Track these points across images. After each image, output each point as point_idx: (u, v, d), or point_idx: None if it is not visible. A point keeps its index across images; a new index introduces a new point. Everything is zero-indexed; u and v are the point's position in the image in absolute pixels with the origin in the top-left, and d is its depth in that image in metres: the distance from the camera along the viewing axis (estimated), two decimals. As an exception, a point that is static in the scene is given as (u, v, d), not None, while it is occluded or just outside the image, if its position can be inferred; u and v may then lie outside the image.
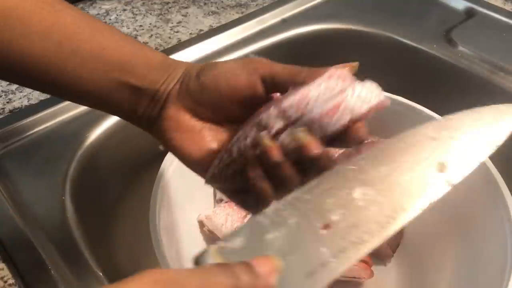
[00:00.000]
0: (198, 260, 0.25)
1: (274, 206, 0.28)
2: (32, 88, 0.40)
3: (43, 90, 0.41)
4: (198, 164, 0.37)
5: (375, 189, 0.28)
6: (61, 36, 0.35)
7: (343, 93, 0.32)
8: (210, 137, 0.37)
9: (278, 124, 0.33)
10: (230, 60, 0.37)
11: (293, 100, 0.33)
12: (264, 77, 0.35)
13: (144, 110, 0.38)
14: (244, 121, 0.35)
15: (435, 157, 0.30)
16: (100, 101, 0.38)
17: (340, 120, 0.32)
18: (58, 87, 0.37)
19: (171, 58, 0.39)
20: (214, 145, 0.37)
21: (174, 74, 0.37)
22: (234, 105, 0.36)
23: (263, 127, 0.34)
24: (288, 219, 0.27)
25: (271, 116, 0.33)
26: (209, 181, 0.37)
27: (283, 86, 0.34)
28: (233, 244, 0.26)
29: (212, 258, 0.25)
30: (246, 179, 0.34)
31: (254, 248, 0.26)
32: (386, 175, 0.29)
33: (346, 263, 0.25)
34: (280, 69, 0.35)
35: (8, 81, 0.39)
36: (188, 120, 0.37)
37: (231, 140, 0.36)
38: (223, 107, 0.36)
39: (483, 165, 0.51)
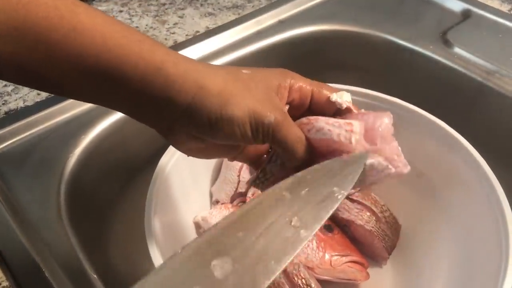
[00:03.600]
0: None
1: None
2: (26, 86, 0.38)
3: (37, 89, 0.39)
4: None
5: (231, 258, 0.27)
6: (33, 40, 0.29)
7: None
8: (229, 150, 0.40)
9: None
10: (245, 110, 0.35)
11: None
12: (266, 142, 0.37)
13: (152, 121, 0.36)
14: None
15: (287, 215, 0.31)
16: (97, 103, 0.35)
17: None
18: (47, 89, 0.34)
19: (169, 63, 0.33)
20: (223, 153, 0.40)
21: (178, 102, 0.33)
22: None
23: None
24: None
25: None
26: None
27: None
28: None
29: None
30: None
31: None
32: (242, 240, 0.29)
33: None
34: (282, 147, 0.37)
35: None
36: (197, 143, 0.37)
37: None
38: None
39: (477, 165, 0.52)
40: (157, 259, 0.43)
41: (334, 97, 0.39)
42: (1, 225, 0.49)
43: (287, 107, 0.40)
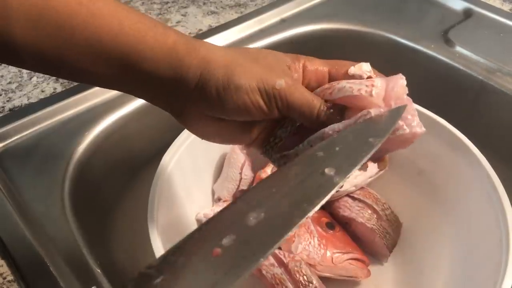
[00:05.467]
0: None
1: (160, 256, 0.27)
2: (46, 74, 0.38)
3: (57, 76, 0.39)
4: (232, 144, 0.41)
5: (264, 208, 0.28)
6: (53, 24, 0.31)
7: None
8: (234, 130, 0.38)
9: None
10: (254, 78, 0.34)
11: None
12: (281, 111, 0.36)
13: (162, 102, 0.37)
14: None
15: (320, 168, 0.31)
16: (115, 87, 0.36)
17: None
18: (66, 75, 0.36)
19: (181, 44, 0.35)
20: (236, 134, 0.39)
21: (189, 79, 0.34)
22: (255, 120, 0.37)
23: None
24: (176, 261, 0.26)
25: None
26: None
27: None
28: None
29: None
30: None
31: None
32: (275, 193, 0.29)
33: (236, 278, 0.25)
34: (296, 111, 0.36)
35: (23, 68, 0.37)
36: (214, 122, 0.37)
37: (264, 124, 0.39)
38: (245, 121, 0.37)
39: (478, 163, 0.52)
40: (160, 254, 0.43)
41: (352, 70, 0.38)
42: (6, 220, 0.49)
43: None
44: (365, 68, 0.38)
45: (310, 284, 0.51)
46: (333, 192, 0.29)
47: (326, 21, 0.77)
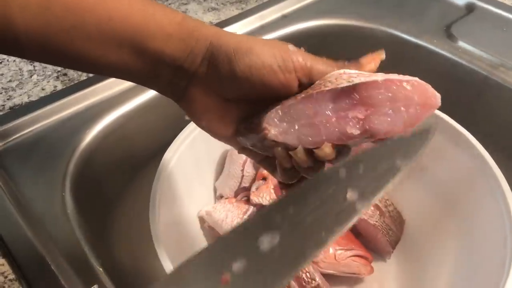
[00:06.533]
0: None
1: (169, 274, 0.26)
2: (48, 64, 0.38)
3: (57, 65, 0.38)
4: (226, 139, 0.38)
5: (279, 232, 0.26)
6: (62, 7, 0.31)
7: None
8: (238, 116, 0.37)
9: None
10: (266, 46, 0.33)
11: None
12: (302, 78, 0.34)
13: (167, 83, 0.36)
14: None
15: (342, 190, 0.28)
16: (118, 73, 0.36)
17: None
18: (69, 62, 0.35)
19: (190, 20, 0.34)
20: (237, 122, 0.37)
21: (198, 49, 0.34)
22: (266, 97, 0.35)
23: None
24: (186, 277, 0.25)
25: None
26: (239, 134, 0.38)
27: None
28: None
29: None
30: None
31: None
32: (291, 216, 0.27)
33: None
34: (319, 68, 0.34)
35: (18, 57, 0.36)
36: (216, 102, 0.36)
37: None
38: (254, 97, 0.35)
39: (482, 159, 0.51)
40: (162, 252, 0.43)
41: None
42: (7, 219, 0.49)
43: None
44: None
45: (313, 281, 0.51)
46: (354, 220, 0.26)
47: (328, 17, 0.77)
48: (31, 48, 0.32)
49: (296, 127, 0.34)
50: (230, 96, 0.36)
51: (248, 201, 0.59)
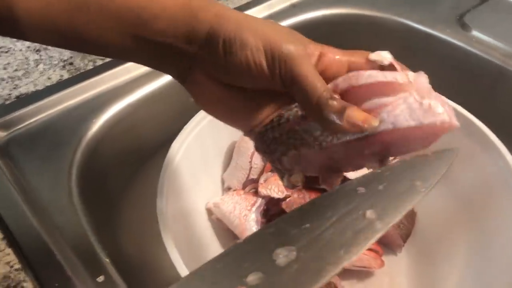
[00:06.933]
0: None
1: (181, 281, 0.25)
2: (48, 45, 0.37)
3: (59, 47, 0.38)
4: (234, 125, 0.38)
5: (296, 247, 0.25)
6: None
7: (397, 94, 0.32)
8: (243, 102, 0.36)
9: None
10: (261, 37, 0.32)
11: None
12: (284, 81, 0.33)
13: (170, 65, 0.35)
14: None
15: (361, 208, 0.28)
16: (121, 54, 0.35)
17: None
18: (72, 44, 0.35)
19: (195, 7, 0.33)
20: (248, 109, 0.36)
21: (199, 32, 0.33)
22: (259, 88, 0.35)
23: None
24: (200, 286, 0.25)
25: None
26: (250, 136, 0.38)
27: None
28: None
29: None
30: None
31: None
32: (308, 231, 0.27)
33: None
34: (299, 85, 0.32)
35: (19, 39, 0.36)
36: (218, 87, 0.35)
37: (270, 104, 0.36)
38: (249, 86, 0.35)
39: (497, 153, 0.50)
40: (170, 243, 0.43)
41: (373, 56, 0.34)
42: (12, 208, 0.49)
43: None
44: (384, 55, 0.35)
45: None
46: (373, 241, 0.26)
47: (338, 6, 0.75)
48: (32, 29, 0.32)
49: (314, 167, 0.37)
50: (230, 81, 0.35)
51: (256, 193, 0.59)
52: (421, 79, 0.33)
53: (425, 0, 0.76)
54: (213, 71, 0.35)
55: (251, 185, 0.60)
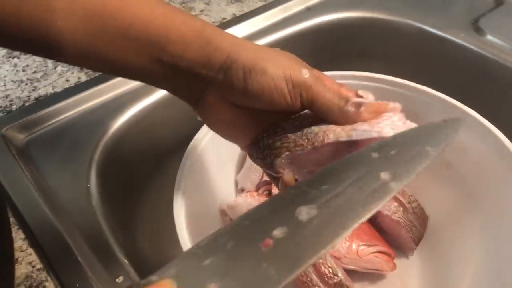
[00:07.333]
0: None
1: (210, 236, 0.27)
2: (68, 63, 0.40)
3: (79, 66, 0.40)
4: (235, 141, 0.41)
5: (316, 205, 0.27)
6: (87, 11, 0.33)
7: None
8: (250, 122, 0.39)
9: None
10: (280, 67, 0.35)
11: None
12: (304, 102, 0.36)
13: (184, 88, 0.37)
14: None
15: (375, 171, 0.29)
16: (138, 76, 0.37)
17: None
18: (91, 64, 0.36)
19: (208, 27, 0.36)
20: (253, 126, 0.39)
21: (216, 58, 0.35)
22: (273, 110, 0.37)
23: None
24: (226, 244, 0.26)
25: None
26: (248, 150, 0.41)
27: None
28: (166, 275, 0.25)
29: None
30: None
31: (188, 276, 0.25)
32: (327, 191, 0.28)
33: (288, 275, 0.24)
34: (320, 102, 0.36)
35: (46, 58, 0.38)
36: (229, 109, 0.37)
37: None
38: (264, 109, 0.37)
39: (509, 155, 0.50)
40: (185, 243, 0.44)
41: (360, 92, 0.39)
42: (34, 209, 0.50)
43: None
44: (368, 95, 0.38)
45: (335, 277, 0.51)
46: (388, 198, 0.27)
47: (352, 9, 0.76)
48: (61, 50, 0.33)
49: (305, 170, 0.39)
50: (242, 104, 0.37)
51: (269, 194, 0.59)
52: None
53: (439, 4, 0.76)
54: (229, 95, 0.36)
55: (265, 186, 0.61)
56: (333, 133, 0.36)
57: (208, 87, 0.36)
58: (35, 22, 0.32)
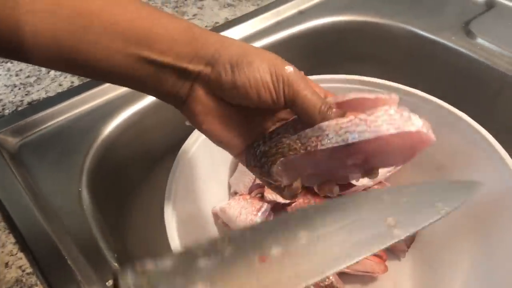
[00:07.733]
0: (117, 278, 0.25)
1: (211, 239, 0.27)
2: (51, 69, 0.39)
3: (61, 70, 0.39)
4: (226, 145, 0.40)
5: (318, 234, 0.28)
6: (70, 11, 0.32)
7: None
8: (239, 121, 0.39)
9: None
10: (265, 62, 0.35)
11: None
12: (286, 99, 0.36)
13: (171, 87, 0.37)
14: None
15: (383, 214, 0.30)
16: (123, 78, 0.36)
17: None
18: (75, 66, 0.35)
19: (195, 27, 0.36)
20: (243, 128, 0.39)
21: (203, 52, 0.36)
22: (260, 106, 0.37)
23: None
24: (223, 250, 0.26)
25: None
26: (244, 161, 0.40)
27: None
28: (160, 267, 0.25)
29: (135, 279, 0.24)
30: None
31: (182, 273, 0.25)
32: (330, 224, 0.29)
33: None
34: (301, 99, 0.36)
35: (23, 62, 0.37)
36: (217, 105, 0.37)
37: (263, 124, 0.40)
38: (251, 105, 0.37)
39: (501, 161, 0.51)
40: (176, 247, 0.44)
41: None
42: (24, 213, 0.50)
43: None
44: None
45: (327, 279, 0.51)
46: (388, 245, 0.28)
47: (344, 13, 0.76)
48: (36, 52, 0.33)
49: (305, 174, 0.39)
50: (229, 100, 0.37)
51: (262, 197, 0.59)
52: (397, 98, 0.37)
53: (430, 8, 0.77)
54: (218, 89, 0.36)
55: (257, 190, 0.61)
56: (327, 138, 0.35)
57: (195, 83, 0.37)
58: (3, 25, 0.31)
